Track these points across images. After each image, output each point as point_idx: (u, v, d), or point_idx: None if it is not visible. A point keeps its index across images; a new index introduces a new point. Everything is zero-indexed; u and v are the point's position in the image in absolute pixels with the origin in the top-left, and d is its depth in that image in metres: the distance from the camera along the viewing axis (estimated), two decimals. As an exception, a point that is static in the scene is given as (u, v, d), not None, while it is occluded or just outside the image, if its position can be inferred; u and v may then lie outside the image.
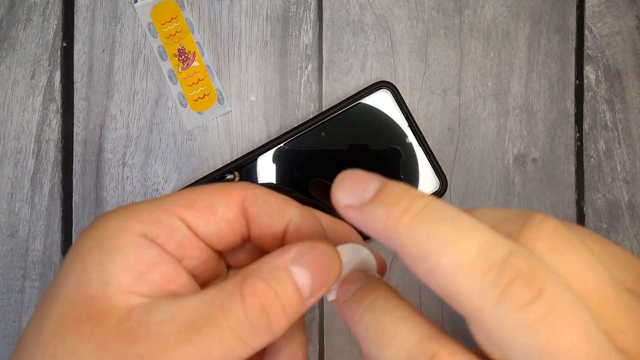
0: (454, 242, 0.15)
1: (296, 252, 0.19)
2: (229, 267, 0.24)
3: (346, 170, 0.17)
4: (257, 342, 0.18)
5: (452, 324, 0.35)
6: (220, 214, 0.20)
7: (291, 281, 0.18)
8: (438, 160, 0.35)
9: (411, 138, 0.35)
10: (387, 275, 0.21)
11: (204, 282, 0.22)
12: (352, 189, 0.17)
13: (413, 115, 0.35)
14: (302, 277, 0.19)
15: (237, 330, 0.17)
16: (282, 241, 0.21)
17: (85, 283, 0.18)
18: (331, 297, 0.20)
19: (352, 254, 0.20)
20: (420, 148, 0.35)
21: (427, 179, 0.35)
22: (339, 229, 0.23)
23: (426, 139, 0.35)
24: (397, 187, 0.17)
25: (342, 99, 0.35)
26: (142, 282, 0.18)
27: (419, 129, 0.35)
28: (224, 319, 0.17)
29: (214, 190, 0.21)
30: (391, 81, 0.35)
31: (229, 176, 0.35)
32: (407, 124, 0.35)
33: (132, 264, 0.18)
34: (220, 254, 0.22)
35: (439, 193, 0.34)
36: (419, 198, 0.16)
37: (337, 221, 0.23)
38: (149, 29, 0.36)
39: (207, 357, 0.17)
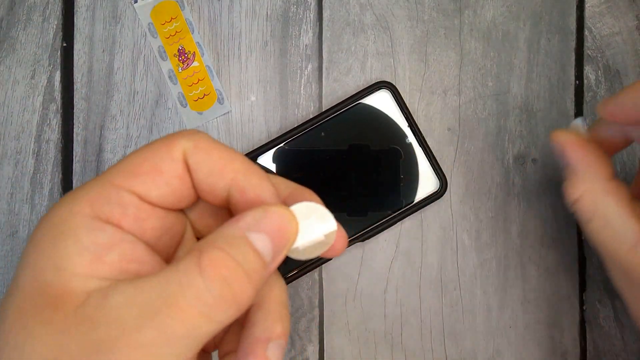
0: None
1: (252, 219, 0.18)
2: (198, 237, 0.23)
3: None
4: (223, 316, 0.17)
5: (450, 325, 0.35)
6: (167, 172, 0.19)
7: (251, 247, 0.18)
8: (438, 160, 0.35)
9: (411, 138, 0.35)
10: (343, 248, 0.21)
11: (173, 249, 0.22)
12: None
13: (413, 115, 0.35)
14: (261, 242, 0.18)
15: (197, 307, 0.17)
16: (226, 199, 0.20)
17: (39, 271, 0.18)
18: (294, 255, 0.20)
19: (308, 211, 0.20)
20: (420, 148, 0.35)
21: (427, 179, 0.35)
22: (297, 193, 0.22)
23: (426, 139, 0.35)
24: None
25: (342, 99, 0.35)
26: (99, 265, 0.18)
27: (419, 129, 0.35)
28: (182, 296, 0.16)
29: (155, 146, 0.20)
30: (391, 81, 0.35)
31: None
32: (407, 124, 0.35)
33: (86, 247, 0.18)
34: (184, 212, 0.22)
35: (439, 193, 0.34)
36: None
37: (295, 185, 0.22)
38: (149, 29, 0.36)
39: (171, 338, 0.16)
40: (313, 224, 0.20)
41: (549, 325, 0.35)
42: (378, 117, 0.35)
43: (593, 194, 0.25)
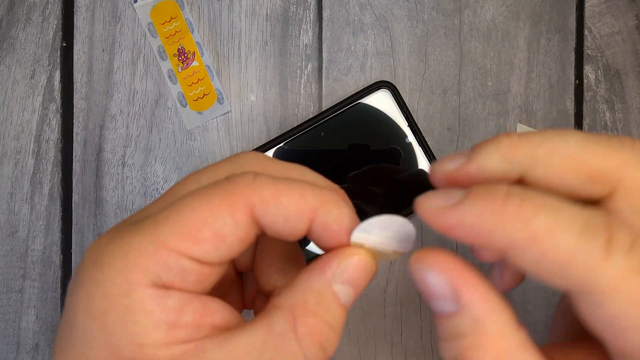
0: (564, 224, 0.15)
1: (336, 270, 0.18)
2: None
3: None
4: None
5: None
6: (230, 237, 0.18)
7: (338, 303, 0.18)
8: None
9: (411, 138, 0.35)
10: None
11: (221, 287, 0.22)
12: (441, 194, 0.17)
13: (413, 115, 0.35)
14: (345, 294, 0.19)
15: None
16: (305, 233, 0.19)
17: (117, 350, 0.17)
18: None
19: (386, 225, 0.19)
20: (420, 148, 0.35)
21: (427, 179, 0.35)
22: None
23: (426, 139, 0.35)
24: (485, 185, 0.17)
25: (342, 99, 0.35)
26: (176, 330, 0.17)
27: (418, 128, 0.35)
28: None
29: (215, 208, 0.18)
30: (391, 81, 0.35)
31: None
32: (407, 124, 0.35)
33: (159, 318, 0.17)
34: None
35: None
36: (513, 188, 0.16)
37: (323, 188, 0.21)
38: (149, 28, 0.36)
39: None
40: (390, 237, 0.20)
41: (548, 325, 0.35)
42: (378, 117, 0.35)
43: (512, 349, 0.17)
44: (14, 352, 0.35)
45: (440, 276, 0.18)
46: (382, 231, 0.19)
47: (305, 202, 0.18)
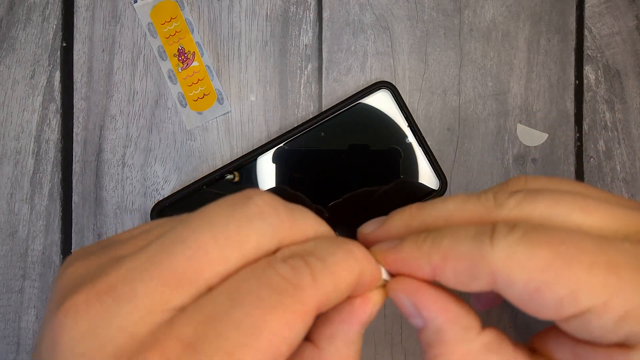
0: (461, 238, 0.19)
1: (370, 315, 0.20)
2: None
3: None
4: None
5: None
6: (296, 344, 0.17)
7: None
8: (438, 160, 0.35)
9: (411, 138, 0.35)
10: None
11: None
12: (383, 242, 0.21)
13: (413, 115, 0.35)
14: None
15: None
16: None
17: None
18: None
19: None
20: (420, 148, 0.35)
21: (427, 179, 0.35)
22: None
23: (426, 139, 0.35)
24: (411, 236, 0.21)
25: (342, 99, 0.35)
26: None
27: (418, 129, 0.35)
28: None
29: (290, 323, 0.16)
30: (391, 81, 0.35)
31: (229, 176, 0.35)
32: (407, 124, 0.35)
33: None
34: None
35: (439, 193, 0.34)
36: (422, 234, 0.20)
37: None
38: (149, 29, 0.36)
39: None
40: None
41: (548, 324, 0.35)
42: (378, 117, 0.35)
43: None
44: (14, 353, 0.35)
45: (406, 297, 0.20)
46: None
47: (355, 277, 0.18)
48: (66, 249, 0.36)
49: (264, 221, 0.17)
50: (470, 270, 0.18)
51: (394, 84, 0.35)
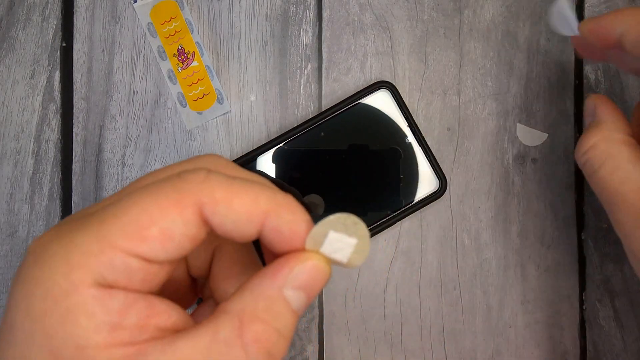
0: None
1: (288, 275, 0.18)
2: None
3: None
4: None
5: (450, 324, 0.35)
6: (179, 236, 0.18)
7: (289, 309, 0.18)
8: (438, 160, 0.35)
9: (411, 138, 0.35)
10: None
11: (174, 293, 0.21)
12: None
13: (413, 115, 0.35)
14: (297, 299, 0.18)
15: None
16: (256, 236, 0.19)
17: (57, 352, 0.17)
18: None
19: (341, 228, 0.19)
20: (419, 148, 0.35)
21: (427, 179, 0.35)
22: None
23: (426, 139, 0.35)
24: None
25: (342, 99, 0.35)
26: (119, 332, 0.17)
27: (418, 129, 0.35)
28: None
29: (163, 205, 0.17)
30: (391, 81, 0.35)
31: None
32: (407, 124, 0.35)
33: (100, 319, 0.17)
34: None
35: (439, 193, 0.34)
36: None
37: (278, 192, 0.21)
38: (149, 29, 0.36)
39: None
40: (343, 237, 0.19)
41: (548, 325, 0.35)
42: (378, 117, 0.35)
43: (607, 142, 0.26)
44: (14, 352, 0.35)
45: (590, 102, 0.28)
46: (337, 236, 0.19)
47: (257, 205, 0.18)
48: (66, 249, 0.36)
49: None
50: None
51: (393, 83, 0.35)
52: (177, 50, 0.36)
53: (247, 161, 0.35)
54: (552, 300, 0.35)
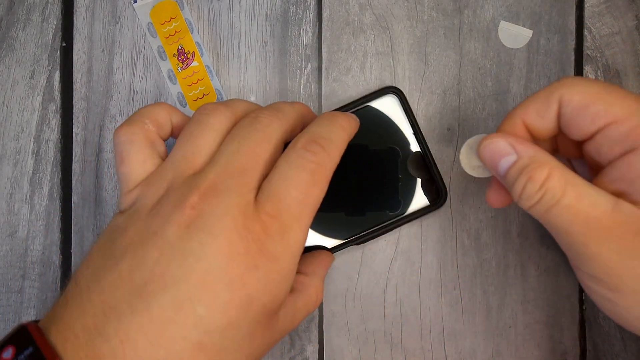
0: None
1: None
2: None
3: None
4: None
5: (449, 325, 0.35)
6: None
7: None
8: (439, 170, 0.35)
9: (415, 147, 0.35)
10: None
11: None
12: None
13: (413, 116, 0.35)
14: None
15: None
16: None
17: None
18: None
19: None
20: (423, 157, 0.35)
21: (428, 189, 0.35)
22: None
23: (426, 139, 0.35)
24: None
25: (344, 100, 0.35)
26: None
27: (424, 138, 0.35)
28: None
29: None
30: (391, 81, 0.35)
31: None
32: (412, 132, 0.35)
33: None
34: None
35: (439, 203, 0.34)
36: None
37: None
38: (149, 29, 0.36)
39: None
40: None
41: (548, 325, 0.35)
42: (383, 123, 0.35)
43: (559, 170, 0.25)
44: (14, 353, 0.35)
45: (503, 141, 0.27)
46: None
47: (347, 139, 0.30)
48: (66, 249, 0.36)
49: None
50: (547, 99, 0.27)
51: (398, 87, 0.35)
52: (177, 50, 0.36)
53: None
54: (552, 300, 0.35)
